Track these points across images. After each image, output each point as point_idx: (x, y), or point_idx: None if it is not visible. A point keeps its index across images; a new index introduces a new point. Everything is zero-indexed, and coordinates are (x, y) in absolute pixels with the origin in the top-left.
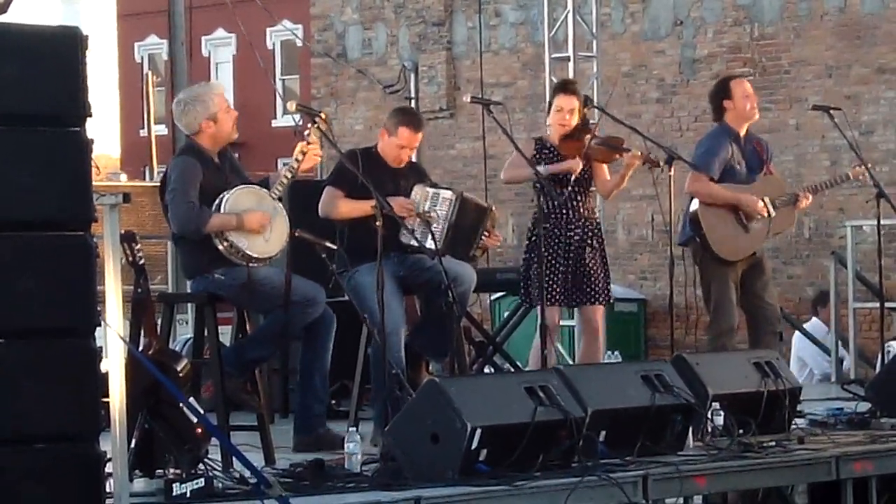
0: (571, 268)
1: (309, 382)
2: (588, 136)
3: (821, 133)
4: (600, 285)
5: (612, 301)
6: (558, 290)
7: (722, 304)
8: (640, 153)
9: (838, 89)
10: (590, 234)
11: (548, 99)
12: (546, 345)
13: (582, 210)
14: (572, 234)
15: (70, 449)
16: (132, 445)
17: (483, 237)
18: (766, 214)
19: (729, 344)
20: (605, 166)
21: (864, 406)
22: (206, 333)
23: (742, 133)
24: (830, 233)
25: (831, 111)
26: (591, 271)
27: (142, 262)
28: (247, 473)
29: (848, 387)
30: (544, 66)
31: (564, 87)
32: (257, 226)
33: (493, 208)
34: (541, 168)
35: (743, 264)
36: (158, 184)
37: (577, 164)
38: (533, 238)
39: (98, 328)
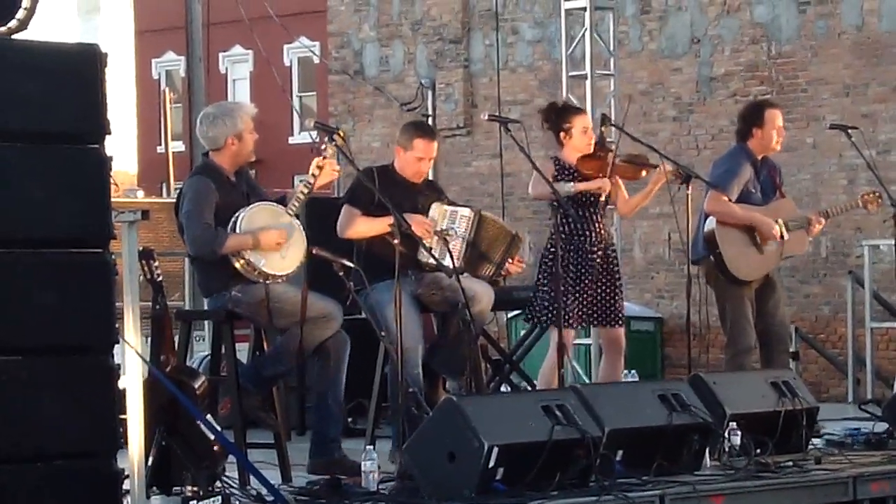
0: (592, 289)
1: (324, 406)
2: (611, 155)
3: (838, 152)
4: (620, 306)
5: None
6: (575, 312)
7: (739, 324)
8: (669, 168)
9: (855, 108)
10: (610, 255)
11: (555, 122)
12: (562, 364)
13: (602, 231)
14: (594, 255)
15: (87, 466)
16: (149, 462)
17: (507, 263)
18: (780, 238)
19: (747, 363)
20: (622, 185)
21: (881, 426)
22: (223, 351)
23: (759, 157)
24: (847, 252)
25: (849, 130)
26: (613, 293)
27: (159, 278)
28: (264, 491)
29: (865, 407)
30: (561, 84)
31: (579, 108)
32: (274, 244)
33: (520, 235)
34: (568, 185)
35: (756, 283)
36: (175, 200)
37: (606, 185)
38: (550, 258)
39: (116, 345)
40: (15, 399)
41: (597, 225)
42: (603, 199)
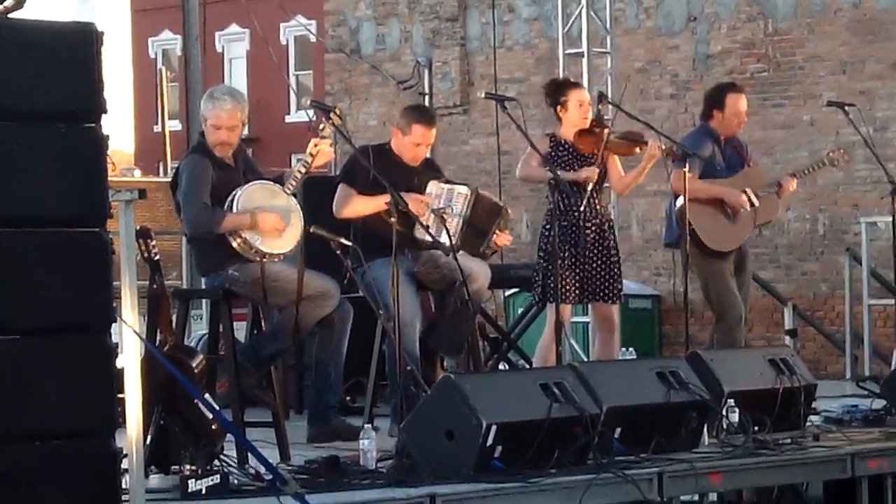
0: (586, 265)
1: (324, 374)
2: (605, 131)
3: (835, 129)
4: (616, 284)
5: (622, 300)
6: (572, 288)
7: (725, 297)
8: (661, 144)
9: (852, 85)
10: (605, 231)
11: (553, 96)
12: (559, 342)
13: (598, 207)
14: (588, 231)
15: (86, 445)
16: (148, 442)
17: (494, 235)
18: (748, 207)
19: (739, 336)
20: (618, 162)
21: (879, 403)
22: (220, 329)
23: (723, 137)
24: (845, 229)
25: (846, 107)
26: (608, 269)
27: (157, 257)
28: (262, 470)
29: (863, 384)
30: (558, 62)
31: (576, 83)
32: (271, 228)
33: (507, 208)
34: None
35: (733, 255)
36: (171, 179)
37: (593, 174)
38: (547, 236)
39: (114, 324)
40: (12, 379)
41: (591, 200)
42: (595, 180)
